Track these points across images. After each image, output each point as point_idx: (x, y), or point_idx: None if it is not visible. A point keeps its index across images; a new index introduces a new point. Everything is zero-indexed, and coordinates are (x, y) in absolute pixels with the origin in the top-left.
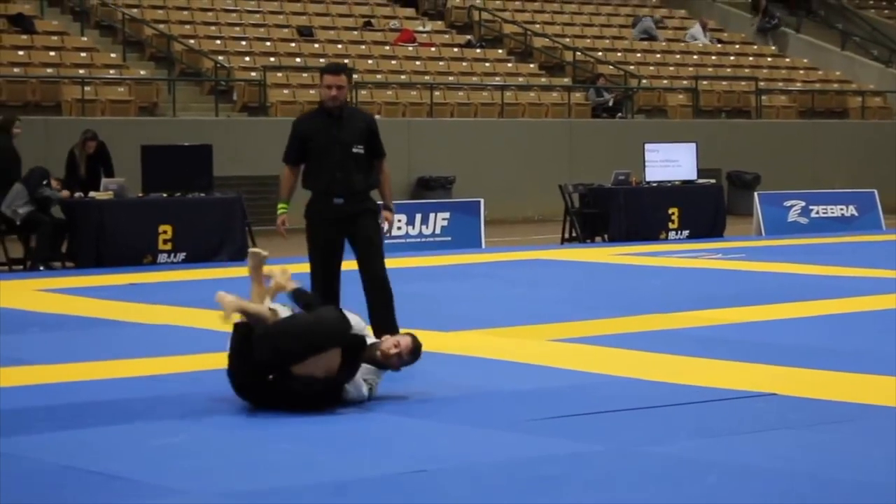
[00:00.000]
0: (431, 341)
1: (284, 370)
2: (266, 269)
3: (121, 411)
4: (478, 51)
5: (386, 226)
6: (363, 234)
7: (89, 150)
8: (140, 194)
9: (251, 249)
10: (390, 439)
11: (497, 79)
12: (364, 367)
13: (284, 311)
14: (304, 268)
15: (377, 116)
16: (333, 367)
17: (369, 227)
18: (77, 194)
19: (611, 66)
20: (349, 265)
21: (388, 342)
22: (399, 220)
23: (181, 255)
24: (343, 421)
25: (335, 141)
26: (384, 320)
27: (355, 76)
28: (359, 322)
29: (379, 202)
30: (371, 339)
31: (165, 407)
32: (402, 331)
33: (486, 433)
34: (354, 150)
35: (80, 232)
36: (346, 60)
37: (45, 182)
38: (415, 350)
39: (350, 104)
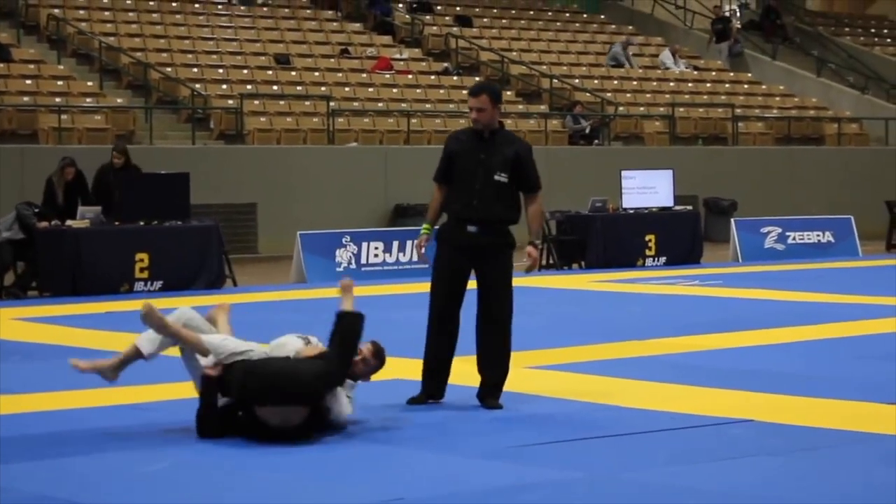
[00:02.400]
0: (409, 369)
1: (248, 408)
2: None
3: (100, 440)
4: (455, 78)
5: (529, 262)
6: (492, 272)
7: (68, 176)
8: (116, 222)
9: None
10: (368, 467)
11: None
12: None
13: (315, 341)
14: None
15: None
16: (292, 419)
17: (501, 262)
18: (54, 222)
19: (587, 94)
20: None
21: None
22: (376, 248)
23: (158, 284)
24: (321, 449)
25: (478, 164)
26: (493, 373)
27: (331, 104)
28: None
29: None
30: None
31: (145, 435)
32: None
33: (463, 461)
34: (497, 177)
35: (56, 261)
36: (322, 88)
37: (35, 210)
38: (377, 353)
39: (506, 129)
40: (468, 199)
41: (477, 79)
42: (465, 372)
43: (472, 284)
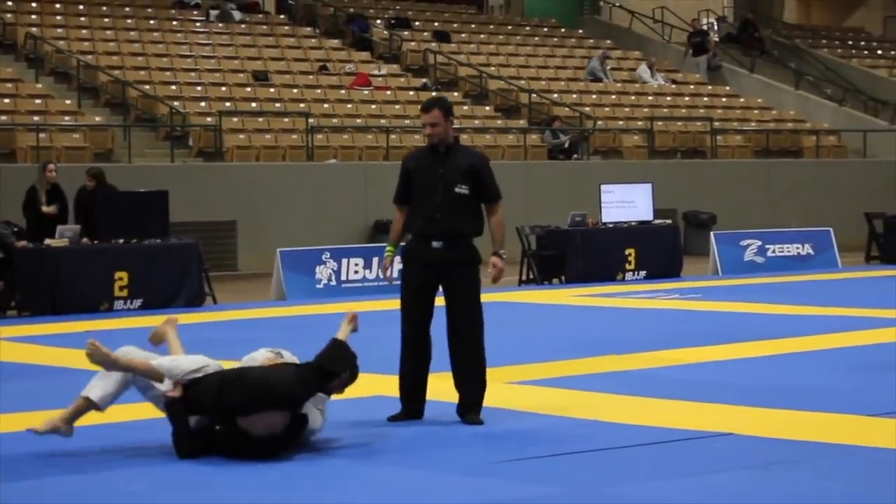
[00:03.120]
0: (388, 385)
1: (229, 421)
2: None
3: (80, 460)
4: (433, 94)
5: (492, 271)
6: (459, 288)
7: (51, 177)
8: (95, 241)
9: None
10: (346, 484)
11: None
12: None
13: (288, 355)
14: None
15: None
16: (276, 425)
17: (467, 279)
18: (42, 242)
19: (566, 108)
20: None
21: None
22: (356, 265)
23: (138, 302)
24: (300, 466)
25: (438, 179)
26: (469, 388)
27: (310, 121)
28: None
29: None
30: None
31: (124, 455)
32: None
33: (443, 477)
34: (457, 189)
35: (36, 280)
36: (301, 105)
37: (14, 230)
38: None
39: (460, 143)
40: (431, 213)
41: (455, 94)
42: (443, 388)
43: (441, 301)
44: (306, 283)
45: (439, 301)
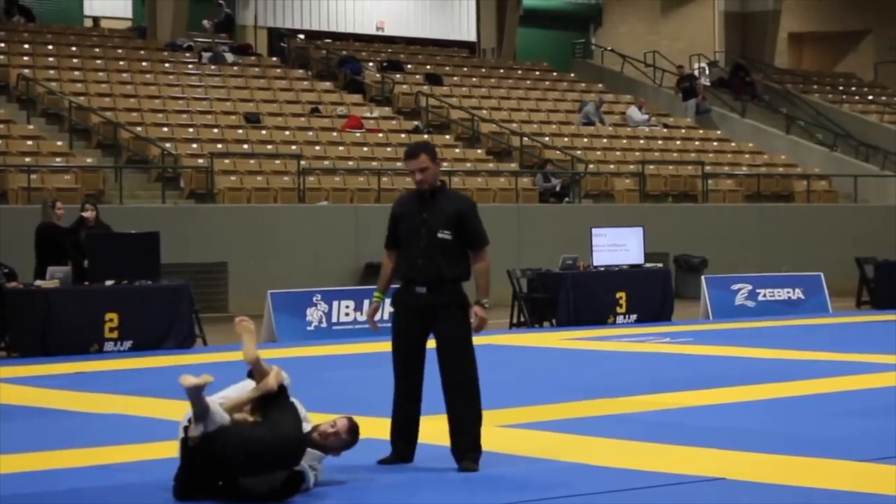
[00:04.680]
0: (379, 428)
1: (231, 480)
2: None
3: (71, 502)
4: (425, 136)
5: (475, 322)
6: (447, 334)
7: (59, 215)
8: (86, 282)
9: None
10: None
11: (445, 164)
12: (307, 452)
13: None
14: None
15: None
16: (276, 481)
17: (454, 324)
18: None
19: (558, 152)
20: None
21: (325, 424)
22: (347, 307)
23: (128, 343)
24: None
25: (421, 224)
26: (465, 433)
27: (302, 163)
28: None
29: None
30: (308, 427)
31: (115, 496)
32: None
33: None
34: (440, 235)
35: (26, 320)
36: (292, 147)
37: (5, 270)
38: (352, 429)
39: (447, 187)
40: (413, 258)
41: (447, 137)
42: (436, 431)
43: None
44: (297, 325)
45: (432, 343)
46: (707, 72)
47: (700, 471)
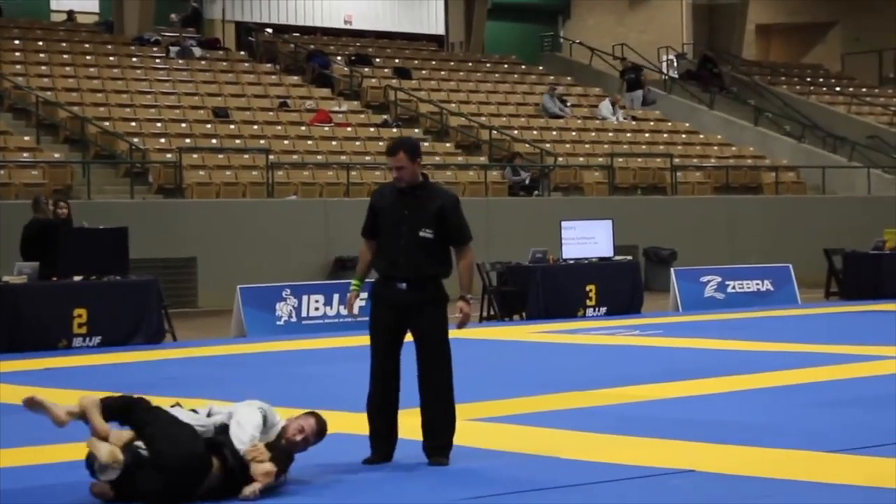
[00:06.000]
0: (349, 423)
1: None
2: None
3: (42, 498)
4: (394, 130)
5: (460, 317)
6: (425, 329)
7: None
8: (54, 278)
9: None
10: None
11: None
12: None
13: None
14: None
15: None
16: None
17: (434, 321)
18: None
19: (527, 145)
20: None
21: (292, 428)
22: (317, 301)
23: (97, 339)
24: None
25: (402, 221)
26: (438, 429)
27: (271, 157)
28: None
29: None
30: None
31: (84, 492)
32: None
33: None
34: (422, 234)
35: None
36: (261, 141)
37: None
38: (320, 432)
39: (430, 182)
40: (394, 256)
41: (416, 131)
42: (407, 424)
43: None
44: (267, 319)
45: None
46: (675, 64)
47: (670, 463)
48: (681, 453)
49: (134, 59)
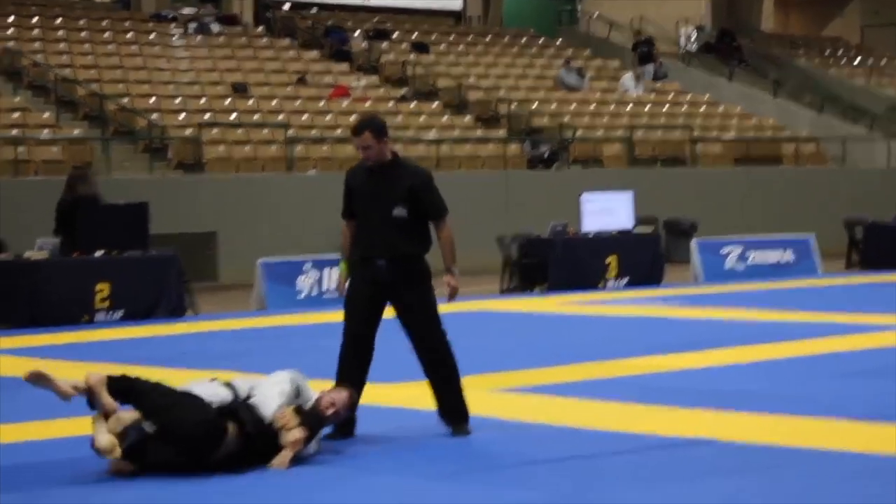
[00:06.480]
0: (374, 393)
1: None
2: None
3: (66, 470)
4: (412, 104)
5: (447, 291)
6: (412, 306)
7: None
8: (75, 253)
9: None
10: (328, 492)
11: (432, 132)
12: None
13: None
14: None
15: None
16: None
17: (418, 296)
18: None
19: (546, 118)
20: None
21: (324, 401)
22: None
23: (119, 313)
24: (280, 474)
25: (374, 201)
26: (449, 400)
27: (289, 132)
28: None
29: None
30: (312, 398)
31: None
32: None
33: (426, 484)
34: (395, 212)
35: (14, 292)
36: (280, 116)
37: None
38: (352, 405)
39: (401, 159)
40: (370, 236)
41: (435, 105)
42: (417, 395)
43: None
44: (287, 293)
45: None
46: (694, 37)
47: (691, 432)
48: (702, 422)
49: (152, 36)
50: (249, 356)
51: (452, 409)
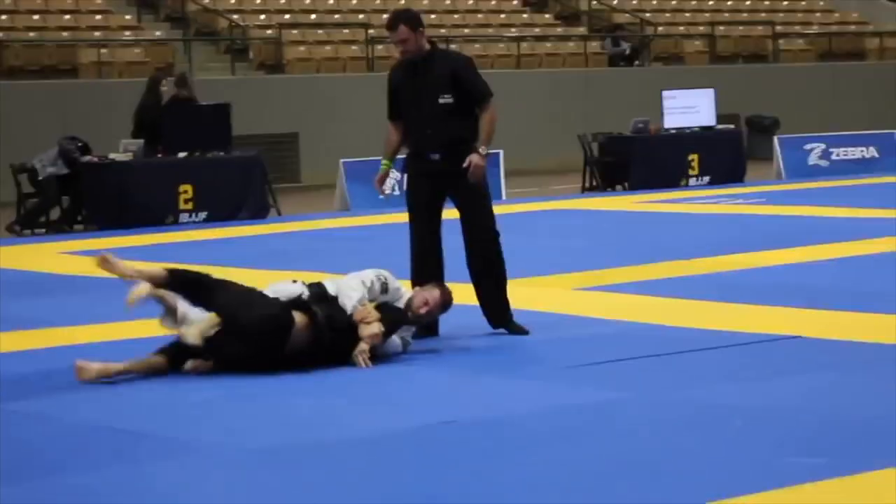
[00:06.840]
0: (457, 293)
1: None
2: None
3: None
4: (493, 2)
5: (468, 165)
6: (467, 200)
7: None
8: (159, 154)
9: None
10: (418, 391)
11: (513, 30)
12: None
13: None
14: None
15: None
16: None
17: (473, 189)
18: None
19: (627, 15)
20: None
21: (417, 300)
22: None
23: (203, 215)
24: (368, 374)
25: (420, 92)
26: (496, 303)
27: (370, 31)
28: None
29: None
30: (405, 297)
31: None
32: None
33: (514, 383)
34: (441, 100)
35: (101, 194)
36: (360, 16)
37: (78, 144)
38: (444, 304)
39: (440, 48)
40: (422, 128)
41: (515, 2)
42: (513, 294)
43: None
44: (370, 193)
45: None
46: None
47: (776, 329)
48: (787, 320)
49: None
50: (333, 256)
51: (499, 306)
